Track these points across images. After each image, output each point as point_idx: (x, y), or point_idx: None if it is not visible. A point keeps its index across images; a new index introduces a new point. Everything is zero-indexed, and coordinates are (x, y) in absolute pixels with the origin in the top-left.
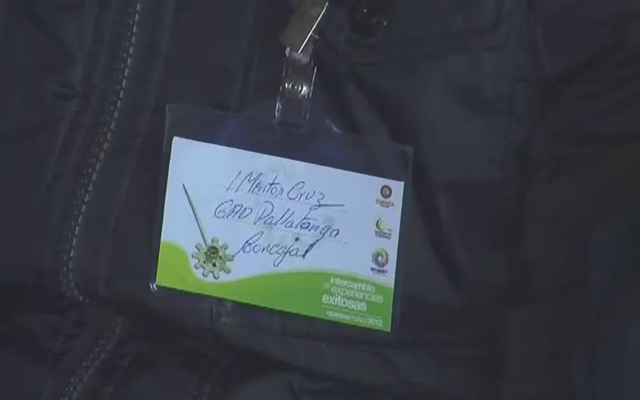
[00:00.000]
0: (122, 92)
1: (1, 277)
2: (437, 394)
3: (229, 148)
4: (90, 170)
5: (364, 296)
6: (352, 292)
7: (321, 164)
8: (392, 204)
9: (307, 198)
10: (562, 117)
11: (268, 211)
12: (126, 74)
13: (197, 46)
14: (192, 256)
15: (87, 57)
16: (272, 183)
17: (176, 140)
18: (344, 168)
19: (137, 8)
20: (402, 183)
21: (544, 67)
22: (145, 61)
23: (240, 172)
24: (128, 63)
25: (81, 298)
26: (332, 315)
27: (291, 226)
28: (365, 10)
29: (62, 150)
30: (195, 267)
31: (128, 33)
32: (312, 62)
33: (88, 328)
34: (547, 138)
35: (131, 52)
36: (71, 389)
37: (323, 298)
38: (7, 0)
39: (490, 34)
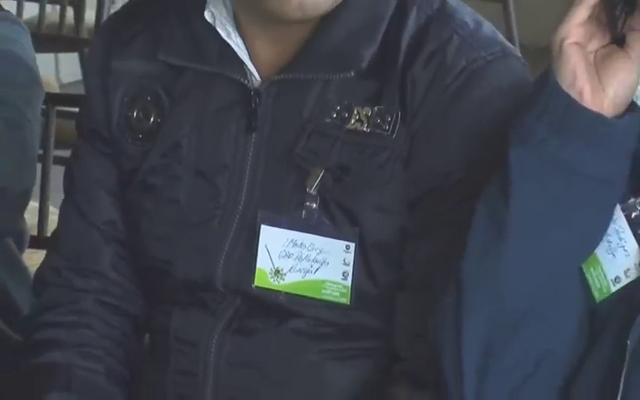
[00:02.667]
0: (241, 205)
1: (192, 279)
2: (367, 327)
3: (285, 230)
4: (227, 238)
5: (338, 289)
6: (333, 287)
7: (321, 236)
8: (350, 252)
9: (314, 250)
10: (418, 214)
11: (300, 254)
12: (243, 198)
13: (269, 190)
14: (269, 273)
15: (227, 191)
16: (301, 244)
17: (263, 227)
18: (331, 238)
19: (247, 171)
20: (354, 244)
21: (410, 194)
22: (250, 193)
23: (288, 238)
24: (244, 193)
25: (222, 289)
26: (325, 297)
27: (309, 261)
28: (339, 173)
29: (216, 230)
30: (270, 277)
31: (244, 180)
32: (318, 194)
33: (226, 301)
34: (411, 222)
35: (245, 189)
36: (219, 324)
37: (322, 291)
38: (193, 166)
39: (388, 184)
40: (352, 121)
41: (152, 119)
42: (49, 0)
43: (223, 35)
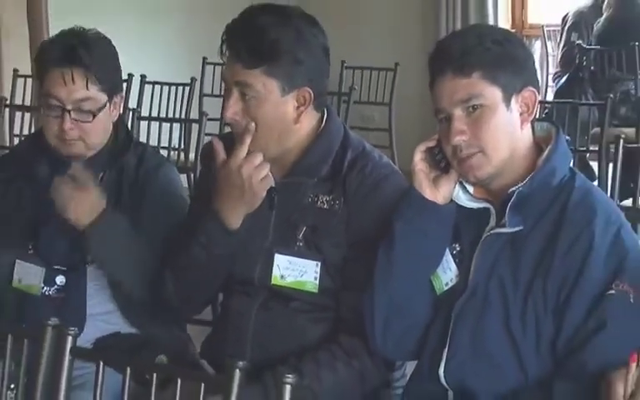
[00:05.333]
0: (266, 245)
1: (242, 279)
2: (327, 305)
3: (287, 256)
4: (259, 259)
5: (313, 286)
6: (310, 285)
7: (304, 259)
8: (319, 267)
9: (300, 265)
10: (353, 250)
11: (294, 268)
12: (268, 241)
13: (280, 238)
14: (279, 277)
15: (260, 238)
16: (295, 263)
17: (276, 255)
18: (309, 260)
19: (270, 229)
20: (320, 263)
21: (349, 240)
22: (271, 240)
23: (288, 260)
24: (268, 239)
25: (257, 285)
26: (307, 290)
27: (298, 271)
28: (312, 228)
29: (255, 256)
30: (279, 279)
31: (269, 234)
32: (303, 238)
33: (259, 291)
34: (350, 254)
35: (269, 237)
36: (255, 304)
37: (305, 286)
38: (246, 227)
39: (338, 235)
40: (319, 202)
41: None
42: (172, 149)
43: None
